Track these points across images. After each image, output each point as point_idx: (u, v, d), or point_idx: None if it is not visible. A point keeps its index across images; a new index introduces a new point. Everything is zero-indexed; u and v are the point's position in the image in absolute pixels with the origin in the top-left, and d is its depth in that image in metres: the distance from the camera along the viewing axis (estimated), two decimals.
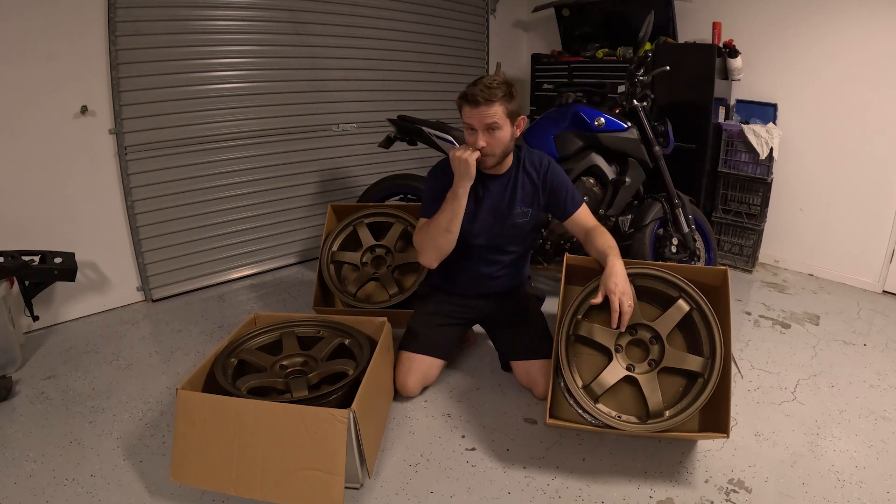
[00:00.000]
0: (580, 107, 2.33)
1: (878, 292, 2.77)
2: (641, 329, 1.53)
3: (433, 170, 1.80)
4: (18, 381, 1.88)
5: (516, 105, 1.61)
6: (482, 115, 1.56)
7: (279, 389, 1.47)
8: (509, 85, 1.59)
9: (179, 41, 2.43)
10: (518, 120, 1.64)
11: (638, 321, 1.52)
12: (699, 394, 1.42)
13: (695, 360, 1.47)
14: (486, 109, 1.55)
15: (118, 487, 1.39)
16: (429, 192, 1.76)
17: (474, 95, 1.55)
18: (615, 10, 3.38)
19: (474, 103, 1.55)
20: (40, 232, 2.19)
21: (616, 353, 1.52)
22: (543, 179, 1.75)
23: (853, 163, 2.75)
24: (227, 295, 2.67)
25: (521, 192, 1.75)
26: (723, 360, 1.43)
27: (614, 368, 1.50)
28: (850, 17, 2.64)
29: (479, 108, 1.55)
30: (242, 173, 2.76)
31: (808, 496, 1.39)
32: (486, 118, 1.56)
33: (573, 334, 1.53)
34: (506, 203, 1.75)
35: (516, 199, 1.75)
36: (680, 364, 1.48)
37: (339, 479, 1.21)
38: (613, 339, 1.52)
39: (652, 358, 1.51)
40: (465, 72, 3.65)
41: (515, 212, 1.76)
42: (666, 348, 1.49)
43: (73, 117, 2.21)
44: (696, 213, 2.52)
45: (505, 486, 1.42)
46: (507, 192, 1.75)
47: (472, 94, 1.55)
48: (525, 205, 1.76)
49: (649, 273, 1.54)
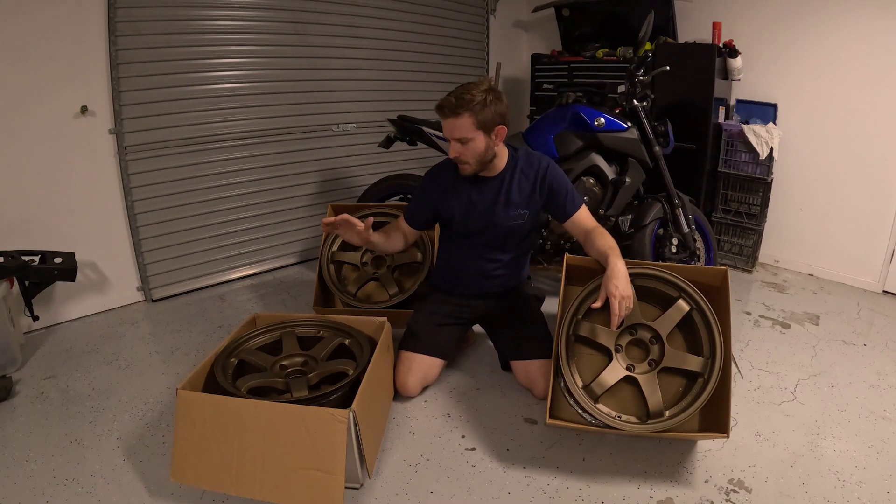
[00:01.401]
0: (580, 107, 2.33)
1: (878, 292, 2.77)
2: (641, 329, 1.52)
3: (427, 173, 1.85)
4: (18, 381, 1.88)
5: (491, 114, 1.58)
6: (451, 127, 1.58)
7: (279, 389, 1.47)
8: (487, 93, 1.56)
9: (179, 41, 2.42)
10: (496, 129, 1.62)
11: (638, 321, 1.51)
12: (699, 394, 1.42)
13: (695, 360, 1.46)
14: (454, 121, 1.57)
15: (118, 487, 1.39)
16: (415, 196, 1.86)
17: (442, 106, 1.57)
18: (615, 10, 3.38)
19: (443, 115, 1.58)
20: (40, 232, 2.19)
21: (616, 353, 1.51)
22: (542, 181, 1.74)
23: (853, 163, 2.76)
24: (227, 295, 2.67)
25: (517, 193, 1.75)
26: (723, 359, 1.42)
27: (614, 368, 1.49)
28: (851, 17, 2.64)
29: (447, 119, 1.58)
30: (242, 173, 2.76)
31: (808, 496, 1.39)
32: (455, 131, 1.58)
33: (573, 334, 1.53)
34: (500, 205, 1.75)
35: (511, 201, 1.74)
36: (680, 364, 1.47)
37: (339, 479, 1.21)
38: (613, 339, 1.51)
39: (652, 358, 1.50)
40: (465, 72, 3.65)
41: (511, 213, 1.75)
42: (666, 348, 1.49)
43: (73, 117, 2.21)
44: (696, 213, 2.52)
45: (505, 486, 1.42)
46: (501, 194, 1.74)
47: (441, 105, 1.57)
48: (521, 206, 1.75)
49: (649, 273, 1.53)
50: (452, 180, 1.77)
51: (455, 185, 1.76)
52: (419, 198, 1.84)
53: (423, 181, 1.85)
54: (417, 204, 1.84)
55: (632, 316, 1.49)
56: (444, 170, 1.81)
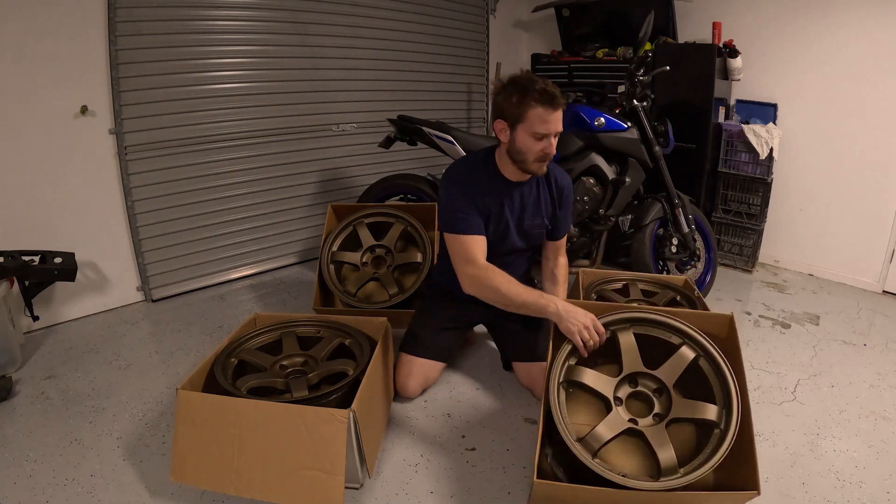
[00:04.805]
0: (580, 107, 2.33)
1: (878, 292, 2.77)
2: (643, 379, 1.32)
3: (448, 179, 1.65)
4: (18, 381, 1.88)
5: None
6: (556, 120, 1.45)
7: (279, 389, 1.47)
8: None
9: (179, 41, 2.42)
10: None
11: (638, 370, 1.33)
12: (717, 446, 1.19)
13: (709, 409, 1.24)
14: (558, 114, 1.45)
15: (118, 487, 1.39)
16: (453, 206, 1.60)
17: (554, 96, 1.40)
18: (615, 10, 3.39)
19: (556, 105, 1.42)
20: (40, 232, 2.19)
21: (616, 405, 1.30)
22: (559, 195, 1.75)
23: (853, 163, 2.76)
24: (227, 295, 2.67)
25: (544, 202, 1.74)
26: (740, 408, 1.22)
27: (614, 419, 1.27)
28: (851, 16, 2.64)
29: (556, 111, 1.44)
30: (242, 173, 2.76)
31: (808, 496, 1.39)
32: (559, 123, 1.47)
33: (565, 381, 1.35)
34: (526, 213, 1.71)
35: (538, 209, 1.73)
36: (692, 413, 1.26)
37: (339, 479, 1.21)
38: (612, 388, 1.32)
39: (657, 412, 1.29)
40: (465, 72, 3.66)
41: (535, 222, 1.74)
42: (673, 397, 1.28)
43: (73, 117, 2.20)
44: (696, 213, 2.52)
45: (505, 486, 1.42)
46: (530, 201, 1.71)
47: (552, 94, 1.40)
48: (541, 216, 1.74)
49: (645, 318, 1.36)
50: (487, 180, 1.65)
51: (491, 186, 1.65)
52: (464, 203, 1.59)
53: (450, 193, 1.62)
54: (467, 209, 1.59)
55: (631, 364, 1.32)
56: (474, 170, 1.66)
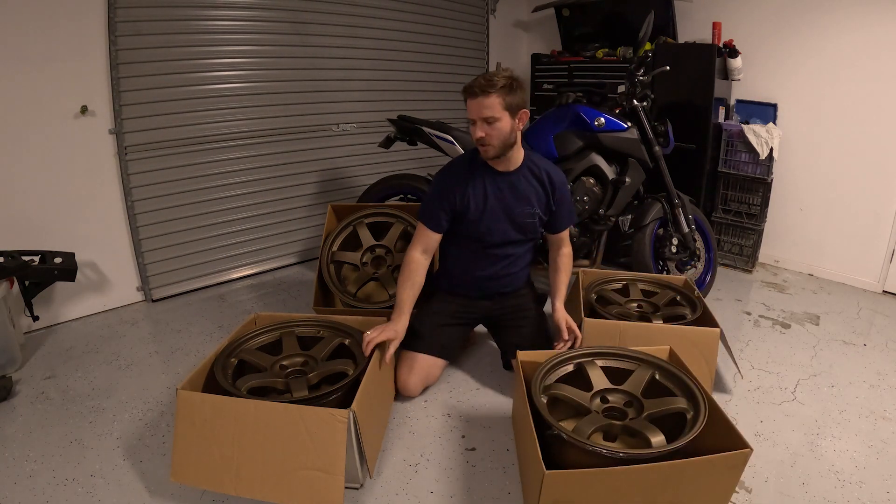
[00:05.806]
0: (580, 107, 2.33)
1: (878, 292, 2.77)
2: (612, 395, 1.43)
3: (439, 172, 1.83)
4: (18, 381, 1.88)
5: (518, 98, 1.62)
6: (479, 107, 1.60)
7: (279, 389, 1.47)
8: (512, 79, 1.61)
9: (179, 41, 2.42)
10: (520, 113, 1.64)
11: (606, 386, 1.44)
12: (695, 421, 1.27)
13: (678, 400, 1.36)
14: (484, 100, 1.59)
15: (118, 487, 1.39)
16: (429, 196, 1.78)
17: (472, 87, 1.61)
18: (615, 10, 3.38)
19: (472, 94, 1.61)
20: (40, 232, 2.19)
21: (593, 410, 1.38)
22: (552, 189, 1.79)
23: (853, 163, 2.76)
24: (227, 295, 2.67)
25: (531, 192, 1.77)
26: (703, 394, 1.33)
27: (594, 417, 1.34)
28: (851, 16, 2.64)
29: (476, 98, 1.60)
30: (242, 173, 2.76)
31: (808, 496, 1.39)
32: (483, 110, 1.59)
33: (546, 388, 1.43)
34: (514, 201, 1.76)
35: (525, 197, 1.77)
36: (664, 407, 1.35)
37: (339, 479, 1.21)
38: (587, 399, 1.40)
39: (631, 417, 1.35)
40: (465, 72, 3.65)
41: (525, 211, 1.77)
42: (644, 402, 1.38)
43: (73, 117, 2.20)
44: (696, 213, 2.52)
45: (505, 485, 1.42)
46: (516, 189, 1.76)
47: (471, 86, 1.61)
48: (532, 206, 1.78)
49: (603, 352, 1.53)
50: (468, 173, 1.75)
51: (472, 178, 1.75)
52: (436, 196, 1.75)
53: (437, 179, 1.80)
54: (436, 203, 1.74)
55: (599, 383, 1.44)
56: (458, 164, 1.80)
